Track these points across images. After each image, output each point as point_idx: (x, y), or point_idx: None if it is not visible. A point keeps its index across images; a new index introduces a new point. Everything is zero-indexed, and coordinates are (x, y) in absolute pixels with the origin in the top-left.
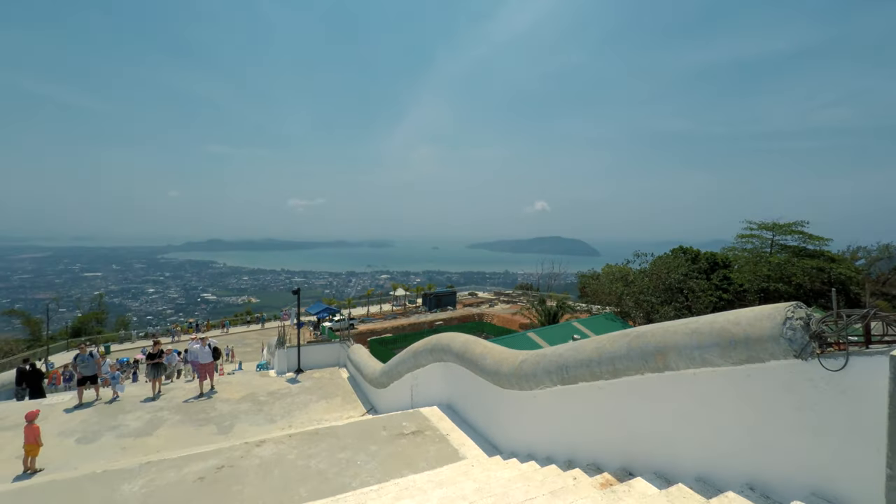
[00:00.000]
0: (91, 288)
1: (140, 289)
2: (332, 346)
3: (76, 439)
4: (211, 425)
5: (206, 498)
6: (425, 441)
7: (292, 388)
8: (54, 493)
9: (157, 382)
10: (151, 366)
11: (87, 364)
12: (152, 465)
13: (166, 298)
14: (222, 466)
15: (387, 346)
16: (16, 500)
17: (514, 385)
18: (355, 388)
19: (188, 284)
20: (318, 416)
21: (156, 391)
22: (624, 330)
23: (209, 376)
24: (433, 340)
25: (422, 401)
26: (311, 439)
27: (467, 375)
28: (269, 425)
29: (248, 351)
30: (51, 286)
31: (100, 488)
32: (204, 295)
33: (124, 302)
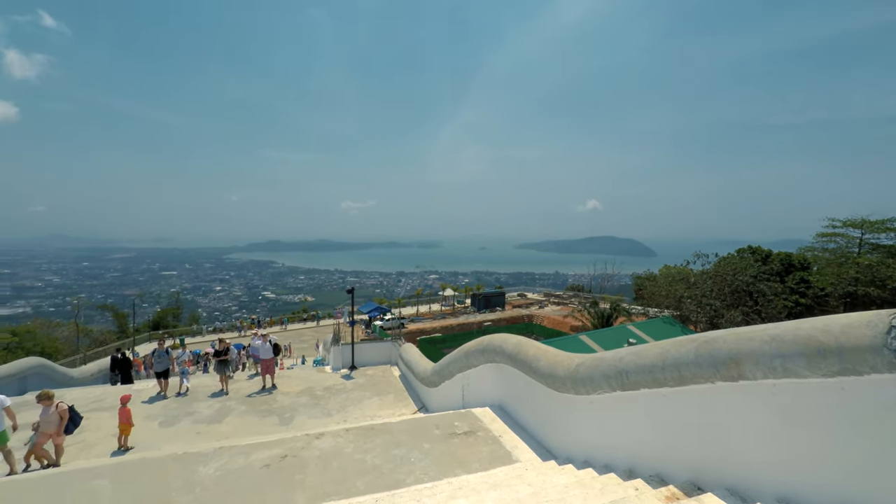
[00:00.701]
0: (168, 285)
1: (209, 287)
2: (384, 345)
3: (159, 423)
4: (273, 416)
5: (272, 484)
6: (478, 442)
7: (347, 385)
8: (145, 469)
9: (225, 379)
10: (218, 363)
11: (161, 360)
12: (224, 450)
13: (231, 296)
14: (285, 455)
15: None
16: (115, 472)
17: (570, 389)
18: (407, 386)
19: (250, 283)
20: (372, 412)
21: (223, 387)
22: (690, 335)
23: (270, 371)
24: (485, 341)
25: (473, 401)
26: (366, 434)
27: (520, 377)
28: (326, 419)
29: (304, 347)
30: (136, 283)
31: (181, 468)
32: (264, 293)
33: (195, 298)
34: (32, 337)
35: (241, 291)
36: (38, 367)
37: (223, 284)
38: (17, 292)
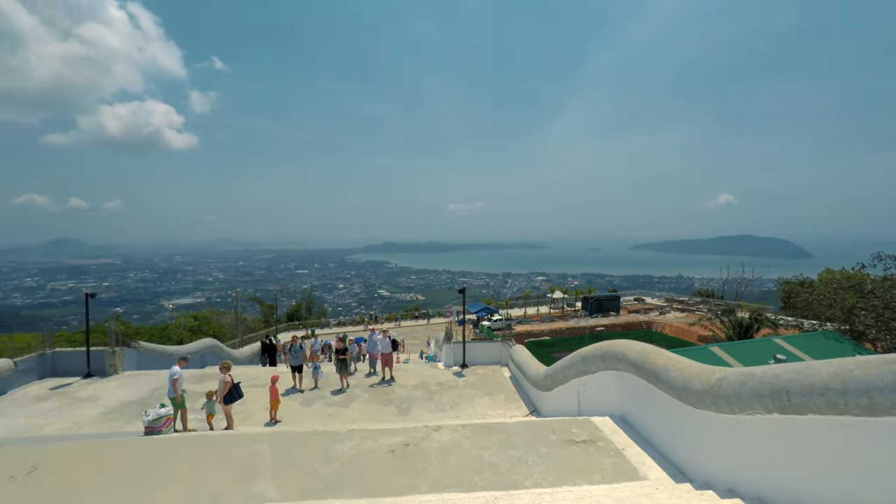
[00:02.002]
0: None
1: (333, 284)
2: (494, 345)
3: (299, 402)
4: (392, 406)
5: (397, 469)
6: (598, 452)
7: (458, 382)
8: (294, 439)
9: (344, 378)
10: (338, 361)
11: (296, 355)
12: (355, 432)
13: (351, 293)
14: (408, 444)
15: (544, 349)
16: (271, 439)
17: (709, 405)
18: (517, 387)
19: (367, 282)
20: (483, 410)
21: (343, 385)
22: (881, 355)
23: (388, 364)
24: (604, 347)
25: (590, 409)
26: (482, 432)
27: (646, 388)
28: (440, 413)
29: (415, 343)
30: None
31: (321, 443)
32: (380, 291)
33: (322, 295)
34: (207, 322)
35: (359, 289)
36: (213, 346)
37: (345, 283)
38: (196, 285)
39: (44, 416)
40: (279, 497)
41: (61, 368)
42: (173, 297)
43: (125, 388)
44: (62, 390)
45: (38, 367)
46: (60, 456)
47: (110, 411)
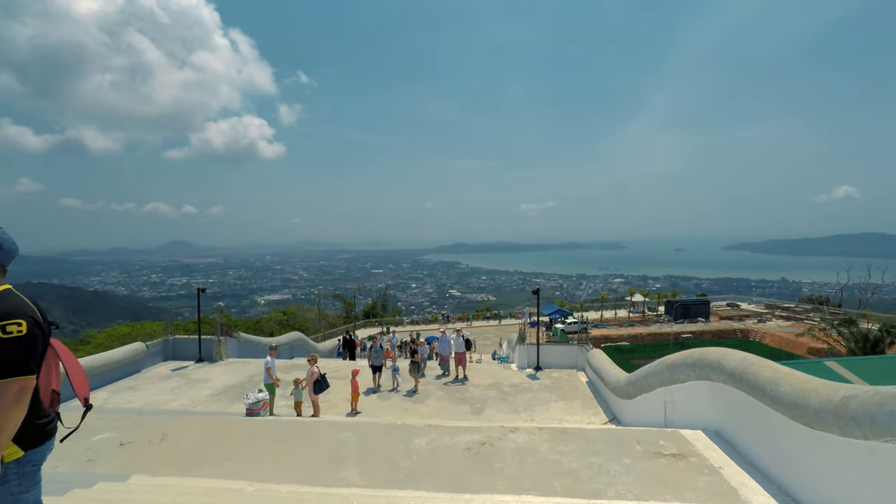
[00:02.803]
0: (376, 281)
1: (406, 284)
2: (569, 348)
3: (377, 397)
4: (465, 405)
5: (473, 467)
6: (690, 468)
7: (532, 384)
8: (375, 430)
9: (415, 379)
10: (411, 363)
11: (377, 355)
12: (432, 428)
13: (424, 293)
14: (484, 443)
15: (623, 355)
16: (354, 429)
17: (831, 427)
18: (595, 393)
19: (439, 282)
20: (559, 415)
21: (415, 386)
22: None
23: (462, 363)
24: (695, 354)
25: (678, 420)
26: (560, 437)
27: (746, 402)
28: (514, 415)
29: (487, 344)
30: (354, 279)
31: (400, 436)
32: (451, 291)
33: (396, 294)
34: (293, 317)
35: (431, 289)
36: (300, 339)
37: (417, 282)
38: (283, 283)
39: (168, 393)
40: (364, 483)
41: (179, 353)
42: (264, 293)
43: (228, 373)
44: (180, 372)
45: (163, 350)
46: (183, 428)
47: (217, 393)
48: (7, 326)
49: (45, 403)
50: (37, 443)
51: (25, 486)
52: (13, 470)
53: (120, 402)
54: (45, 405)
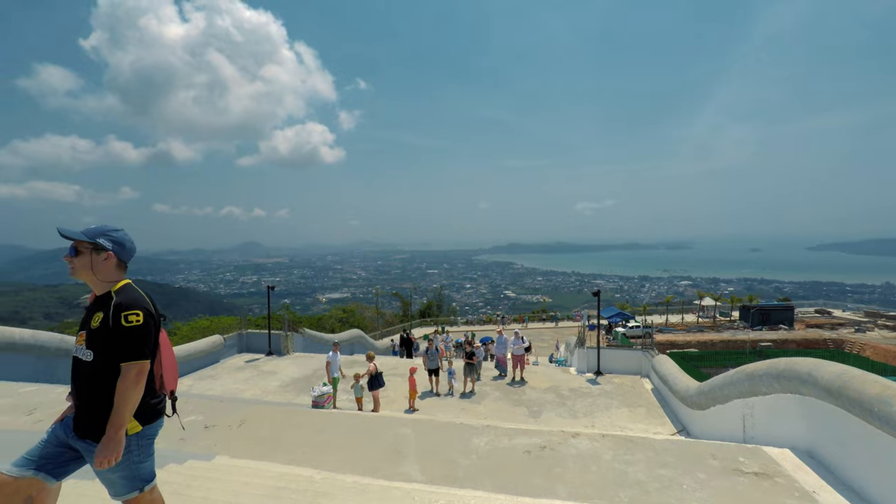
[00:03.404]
0: (431, 281)
1: (461, 284)
2: (632, 353)
3: (427, 389)
4: (522, 407)
5: (533, 470)
6: (776, 489)
7: (593, 389)
8: (433, 428)
9: (471, 381)
10: (466, 365)
11: (433, 358)
12: (490, 428)
13: (478, 293)
14: (544, 447)
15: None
16: (414, 425)
17: None
18: (661, 402)
19: (493, 282)
20: (622, 422)
21: (468, 388)
22: None
23: (521, 367)
24: (781, 364)
25: (760, 436)
26: (625, 445)
27: (847, 421)
28: (573, 419)
29: (543, 346)
30: (409, 279)
31: (459, 434)
32: (506, 292)
33: (451, 294)
34: (353, 315)
35: (486, 289)
36: (359, 337)
37: (472, 283)
38: (343, 282)
39: (242, 383)
40: (424, 479)
41: (252, 346)
42: (326, 291)
43: (295, 366)
44: (253, 364)
45: (238, 343)
46: (258, 415)
47: (285, 385)
48: (128, 316)
49: (156, 386)
50: (151, 419)
51: (143, 456)
52: (134, 442)
53: (203, 389)
54: (157, 387)
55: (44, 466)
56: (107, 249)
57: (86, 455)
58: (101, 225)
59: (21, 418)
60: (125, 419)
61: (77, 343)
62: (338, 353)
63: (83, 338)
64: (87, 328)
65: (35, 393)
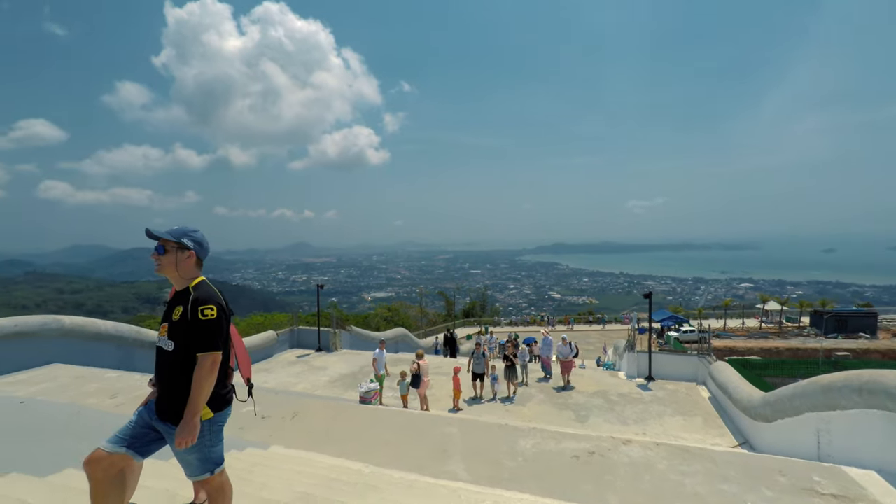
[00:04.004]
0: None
1: (504, 284)
2: (688, 359)
3: (472, 395)
4: (569, 411)
5: (582, 475)
6: None
7: (644, 395)
8: (479, 428)
9: (512, 384)
10: (507, 368)
11: (479, 362)
12: (537, 431)
13: (521, 293)
14: (593, 453)
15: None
16: (460, 425)
17: None
18: (720, 411)
19: (538, 283)
20: (676, 431)
21: (511, 392)
22: None
23: (567, 371)
24: (864, 377)
25: (837, 455)
26: (681, 455)
27: None
28: (622, 426)
29: (590, 350)
30: (453, 279)
31: (505, 436)
32: (550, 293)
33: (494, 294)
34: (397, 313)
35: (529, 290)
36: (404, 335)
37: (515, 283)
38: (388, 281)
39: (294, 377)
40: (470, 479)
41: (303, 342)
42: (371, 290)
43: (343, 362)
44: (304, 359)
45: (290, 339)
46: (308, 408)
47: (334, 380)
48: (204, 311)
49: (227, 377)
50: (221, 407)
51: (214, 441)
52: (207, 427)
53: (258, 382)
54: (227, 378)
55: (132, 445)
56: (189, 248)
57: (167, 436)
58: (182, 226)
59: (106, 401)
60: (200, 405)
61: (160, 334)
62: (384, 351)
63: (165, 329)
64: (168, 320)
65: (117, 379)
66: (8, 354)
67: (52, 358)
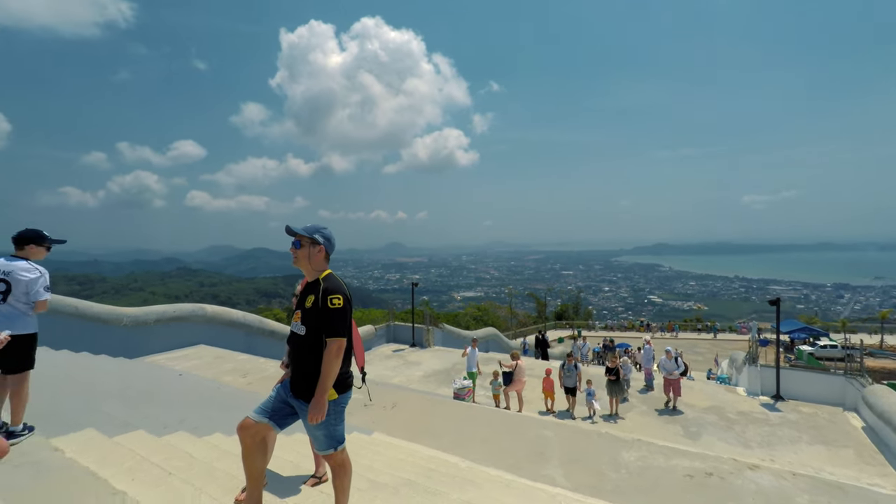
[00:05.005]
0: (565, 283)
1: (598, 286)
2: (830, 379)
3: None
4: (676, 426)
5: (697, 498)
6: None
7: (770, 416)
8: (577, 433)
9: (615, 401)
10: (609, 382)
11: (570, 375)
12: (642, 443)
13: (618, 297)
14: (711, 474)
15: None
16: (556, 428)
17: None
18: (881, 446)
19: (636, 286)
20: (817, 463)
21: (613, 410)
22: None
23: (675, 391)
24: None
25: None
26: (829, 491)
27: None
28: (744, 449)
29: (698, 360)
30: (543, 280)
31: (606, 445)
32: (650, 297)
33: (587, 297)
34: (487, 313)
35: (626, 293)
36: (495, 335)
37: (610, 285)
38: (477, 281)
39: (391, 370)
40: (569, 486)
41: (398, 337)
42: (460, 290)
43: (436, 359)
44: (399, 353)
45: (386, 334)
46: (406, 400)
47: (427, 375)
48: (333, 300)
49: (349, 362)
50: (344, 390)
51: (338, 420)
52: (332, 407)
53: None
54: (349, 364)
55: (273, 417)
56: (319, 244)
57: (299, 412)
58: (315, 224)
59: (239, 379)
60: (328, 386)
61: (294, 320)
62: (476, 350)
63: (299, 316)
64: (302, 308)
65: (246, 361)
66: (169, 334)
67: (198, 339)
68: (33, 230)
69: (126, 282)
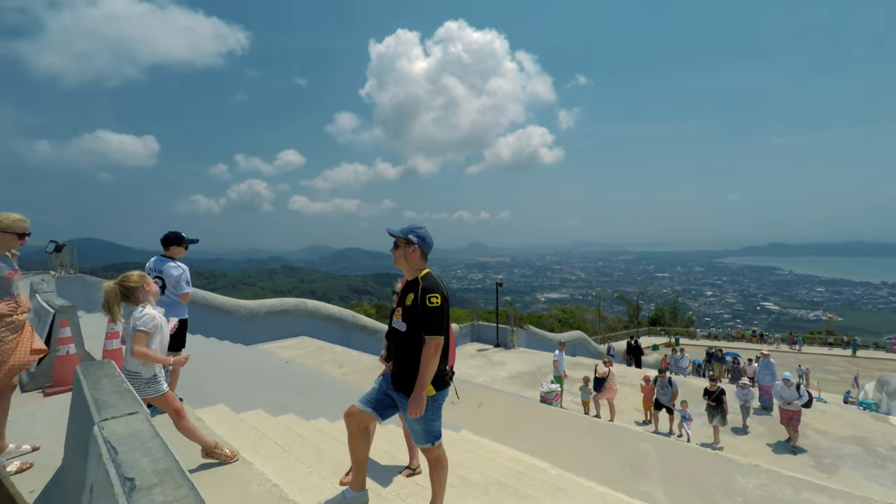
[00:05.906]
0: (660, 286)
1: (699, 290)
2: None
3: None
4: (804, 455)
5: None
6: None
7: None
8: (679, 450)
9: (718, 431)
10: (708, 407)
11: (665, 392)
12: (762, 470)
13: (723, 302)
14: None
15: None
16: (655, 442)
17: None
18: None
19: (746, 291)
20: None
21: (714, 440)
22: None
23: (793, 424)
24: None
25: None
26: None
27: None
28: None
29: (829, 380)
30: (634, 282)
31: (715, 467)
32: (764, 303)
33: (685, 301)
34: (573, 316)
35: (734, 299)
36: (582, 339)
37: (714, 289)
38: (561, 282)
39: (475, 369)
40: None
41: (482, 336)
42: (544, 291)
43: (520, 360)
44: (483, 353)
45: (470, 333)
46: (492, 400)
47: (512, 376)
48: (431, 298)
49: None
50: (442, 387)
51: (435, 416)
52: (430, 403)
53: None
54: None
55: (376, 407)
56: (413, 243)
57: (399, 405)
58: (411, 224)
59: (336, 370)
60: (426, 381)
61: (395, 317)
62: (563, 353)
63: (400, 313)
64: (402, 305)
65: (342, 353)
66: (276, 325)
67: (301, 331)
68: (175, 232)
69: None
